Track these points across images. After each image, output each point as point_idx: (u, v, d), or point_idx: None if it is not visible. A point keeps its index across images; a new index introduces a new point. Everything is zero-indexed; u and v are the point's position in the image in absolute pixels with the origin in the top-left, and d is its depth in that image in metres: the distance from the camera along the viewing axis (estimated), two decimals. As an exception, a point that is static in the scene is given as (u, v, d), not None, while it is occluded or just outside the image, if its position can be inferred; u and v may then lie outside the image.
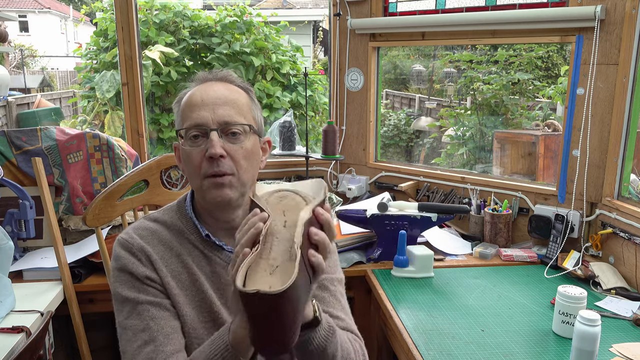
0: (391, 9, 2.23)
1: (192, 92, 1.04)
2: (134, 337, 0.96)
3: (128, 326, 0.98)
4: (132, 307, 0.99)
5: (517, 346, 1.28)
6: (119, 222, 1.90)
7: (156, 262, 1.02)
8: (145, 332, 0.96)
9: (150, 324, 0.97)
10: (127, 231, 1.07)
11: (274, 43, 4.56)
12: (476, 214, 2.04)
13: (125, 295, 1.00)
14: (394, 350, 1.46)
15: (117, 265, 1.03)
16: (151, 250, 1.03)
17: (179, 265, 1.03)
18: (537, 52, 5.38)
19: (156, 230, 1.06)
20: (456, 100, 6.21)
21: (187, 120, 1.01)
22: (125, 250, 1.03)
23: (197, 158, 1.00)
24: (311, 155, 2.34)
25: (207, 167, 0.99)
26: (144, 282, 1.00)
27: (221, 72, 1.08)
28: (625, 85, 1.69)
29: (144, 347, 0.95)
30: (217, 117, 1.00)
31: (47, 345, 1.56)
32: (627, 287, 1.60)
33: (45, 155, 1.94)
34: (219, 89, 1.03)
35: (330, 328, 0.91)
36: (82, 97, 4.77)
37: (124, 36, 2.27)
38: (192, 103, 1.01)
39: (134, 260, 1.02)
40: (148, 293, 1.00)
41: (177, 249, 1.05)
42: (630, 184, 1.77)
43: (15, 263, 1.76)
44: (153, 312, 0.98)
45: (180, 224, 1.07)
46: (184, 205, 1.10)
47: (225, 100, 1.02)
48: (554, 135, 4.03)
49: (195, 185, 1.03)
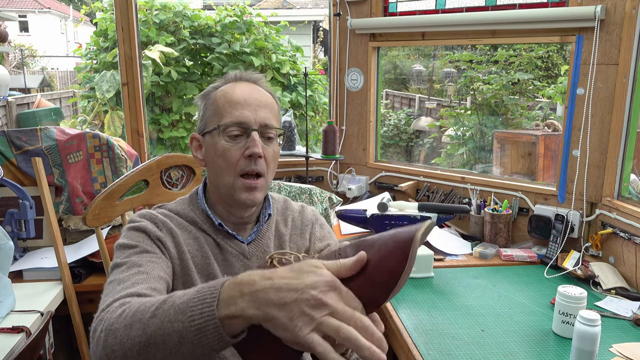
0: (391, 9, 2.24)
1: (229, 89, 1.06)
2: (128, 269, 0.92)
3: (122, 263, 0.94)
4: (133, 252, 0.96)
5: (517, 346, 1.28)
6: (119, 222, 1.90)
7: (178, 236, 1.03)
8: (141, 267, 0.93)
9: (147, 263, 0.94)
10: (146, 210, 1.08)
11: (274, 43, 4.56)
12: (476, 214, 2.04)
13: (128, 243, 0.98)
14: (394, 350, 1.45)
15: (132, 226, 1.01)
16: (174, 227, 1.04)
17: (195, 247, 1.05)
18: (537, 52, 5.38)
19: (171, 216, 1.08)
20: (456, 100, 6.21)
21: (228, 117, 1.03)
22: (147, 219, 1.03)
23: (236, 155, 1.02)
24: (311, 155, 2.34)
25: (244, 164, 1.02)
26: (155, 242, 0.99)
27: (254, 74, 1.11)
28: (625, 85, 1.69)
29: (136, 275, 0.90)
30: (258, 118, 1.03)
31: (47, 345, 1.56)
32: (627, 287, 1.60)
33: (45, 155, 1.94)
34: (257, 91, 1.07)
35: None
36: (82, 97, 4.77)
37: (124, 36, 2.27)
38: (234, 100, 1.03)
39: (153, 227, 1.01)
40: (155, 250, 0.98)
41: (194, 233, 1.07)
42: (630, 184, 1.77)
43: (15, 263, 1.76)
44: (153, 258, 0.96)
45: (193, 215, 1.09)
46: (196, 197, 1.13)
47: (265, 103, 1.05)
48: (554, 135, 4.03)
49: (226, 181, 1.04)
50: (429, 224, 0.71)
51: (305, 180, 2.38)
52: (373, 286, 0.68)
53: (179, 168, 1.68)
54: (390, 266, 0.68)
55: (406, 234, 0.69)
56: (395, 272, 0.68)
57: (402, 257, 0.68)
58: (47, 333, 1.52)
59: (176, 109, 4.33)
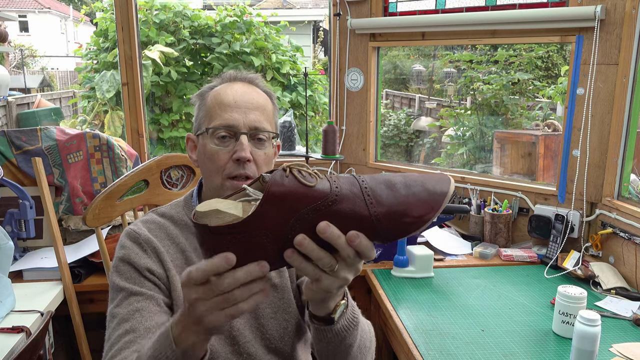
0: (391, 9, 2.24)
1: (222, 90, 1.04)
2: (118, 326, 0.96)
3: (115, 314, 0.98)
4: (124, 297, 0.99)
5: (517, 346, 1.28)
6: (119, 222, 1.90)
7: (162, 254, 1.03)
8: (129, 322, 0.96)
9: (136, 315, 0.97)
10: (136, 223, 1.08)
11: (274, 43, 4.56)
12: (476, 214, 2.04)
13: (120, 285, 1.00)
14: (394, 350, 1.45)
15: (119, 255, 1.04)
16: (158, 243, 1.04)
17: (182, 262, 1.04)
18: (537, 52, 5.38)
19: (163, 224, 1.07)
20: (456, 100, 6.21)
21: (217, 119, 1.01)
22: (132, 240, 1.04)
23: (223, 158, 1.01)
24: (311, 155, 2.34)
25: (232, 168, 1.00)
26: (143, 273, 1.01)
27: (249, 74, 1.09)
28: (625, 85, 1.69)
29: (124, 336, 0.94)
30: (248, 121, 1.01)
31: (47, 345, 1.56)
32: (627, 287, 1.60)
33: (45, 155, 1.94)
34: (250, 92, 1.04)
35: (354, 319, 0.90)
36: (82, 97, 4.78)
37: (124, 36, 2.27)
38: (224, 102, 1.02)
39: (139, 250, 1.02)
40: (143, 285, 1.00)
41: (182, 244, 1.06)
42: (630, 184, 1.77)
43: (15, 263, 1.76)
44: (143, 304, 0.98)
45: (187, 219, 1.09)
46: (191, 200, 1.12)
47: (256, 105, 1.03)
48: (554, 135, 4.03)
49: (215, 183, 1.03)
50: (453, 182, 0.74)
51: (305, 180, 2.38)
52: (393, 223, 0.69)
53: (178, 168, 1.68)
54: (417, 214, 0.69)
55: (439, 188, 0.71)
56: (422, 221, 0.69)
57: (431, 209, 0.69)
58: (47, 333, 1.52)
59: (176, 109, 4.33)
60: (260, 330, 1.05)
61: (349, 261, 0.69)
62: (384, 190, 0.70)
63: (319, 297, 0.80)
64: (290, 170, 0.69)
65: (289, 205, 0.67)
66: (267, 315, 1.06)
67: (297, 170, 0.69)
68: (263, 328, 1.05)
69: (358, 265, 0.72)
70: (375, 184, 0.71)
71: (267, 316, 1.06)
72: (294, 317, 1.08)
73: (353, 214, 0.68)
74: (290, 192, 0.67)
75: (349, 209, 0.68)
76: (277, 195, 0.66)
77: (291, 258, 0.68)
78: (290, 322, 1.07)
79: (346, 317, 0.88)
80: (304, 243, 0.66)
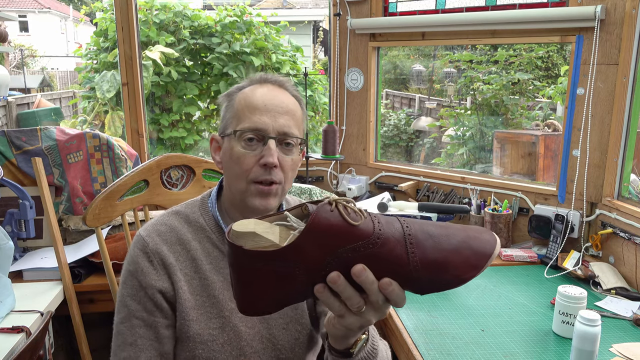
0: (391, 9, 2.24)
1: (250, 92, 1.02)
2: (122, 346, 0.99)
3: (120, 332, 1.00)
4: (127, 315, 1.00)
5: (517, 346, 1.28)
6: (119, 222, 1.90)
7: (170, 266, 1.01)
8: (132, 347, 0.98)
9: (137, 341, 0.98)
10: (147, 227, 1.05)
11: (274, 43, 4.57)
12: (476, 214, 2.04)
13: (125, 302, 1.01)
14: (394, 350, 1.45)
15: (129, 267, 1.02)
16: (167, 252, 1.02)
17: (191, 270, 1.02)
18: (537, 52, 5.38)
19: (176, 227, 1.05)
20: (456, 100, 6.21)
21: (246, 122, 0.99)
22: (141, 251, 1.02)
23: (250, 162, 0.98)
24: (311, 155, 2.35)
25: (258, 172, 0.98)
26: (148, 292, 0.99)
27: (280, 77, 1.07)
28: (625, 85, 1.69)
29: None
30: (277, 125, 0.99)
31: (47, 345, 1.56)
32: (627, 287, 1.60)
33: (45, 155, 1.94)
34: (280, 96, 1.02)
35: (373, 351, 0.87)
36: (83, 97, 4.78)
37: (124, 36, 2.27)
38: (254, 105, 0.99)
39: (146, 264, 1.00)
40: (146, 308, 0.99)
41: (193, 251, 1.03)
42: (630, 184, 1.77)
43: (15, 263, 1.76)
44: (144, 331, 0.99)
45: (202, 221, 1.06)
46: (208, 201, 1.09)
47: (286, 110, 1.01)
48: (554, 135, 4.04)
49: (239, 186, 1.01)
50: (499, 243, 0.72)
51: (305, 180, 2.38)
52: (432, 276, 0.68)
53: (179, 168, 1.68)
54: (458, 272, 0.68)
55: (484, 249, 0.69)
56: (461, 280, 0.68)
57: (473, 269, 0.68)
58: (47, 333, 1.52)
59: (176, 109, 4.34)
60: (272, 341, 1.04)
61: (377, 306, 0.68)
62: (427, 240, 0.68)
63: (341, 334, 0.77)
64: (336, 205, 0.66)
65: (330, 241, 0.65)
66: (279, 326, 1.04)
67: (343, 205, 0.67)
68: (274, 339, 1.04)
69: (385, 310, 0.70)
70: (419, 231, 0.68)
71: (279, 326, 1.04)
72: (306, 329, 1.07)
73: (391, 259, 0.66)
74: (334, 228, 0.65)
75: (388, 253, 0.66)
76: (319, 229, 0.65)
77: (321, 294, 0.66)
78: (302, 333, 1.06)
79: (365, 350, 0.85)
80: (337, 281, 0.65)
